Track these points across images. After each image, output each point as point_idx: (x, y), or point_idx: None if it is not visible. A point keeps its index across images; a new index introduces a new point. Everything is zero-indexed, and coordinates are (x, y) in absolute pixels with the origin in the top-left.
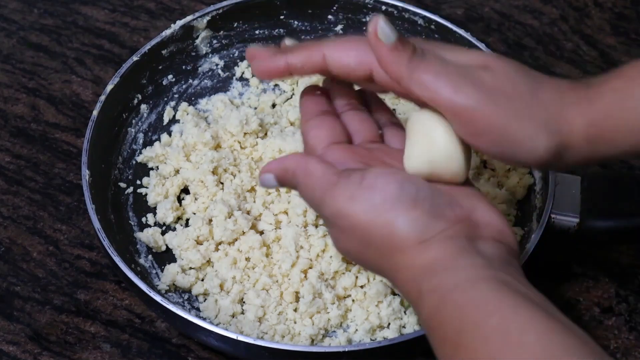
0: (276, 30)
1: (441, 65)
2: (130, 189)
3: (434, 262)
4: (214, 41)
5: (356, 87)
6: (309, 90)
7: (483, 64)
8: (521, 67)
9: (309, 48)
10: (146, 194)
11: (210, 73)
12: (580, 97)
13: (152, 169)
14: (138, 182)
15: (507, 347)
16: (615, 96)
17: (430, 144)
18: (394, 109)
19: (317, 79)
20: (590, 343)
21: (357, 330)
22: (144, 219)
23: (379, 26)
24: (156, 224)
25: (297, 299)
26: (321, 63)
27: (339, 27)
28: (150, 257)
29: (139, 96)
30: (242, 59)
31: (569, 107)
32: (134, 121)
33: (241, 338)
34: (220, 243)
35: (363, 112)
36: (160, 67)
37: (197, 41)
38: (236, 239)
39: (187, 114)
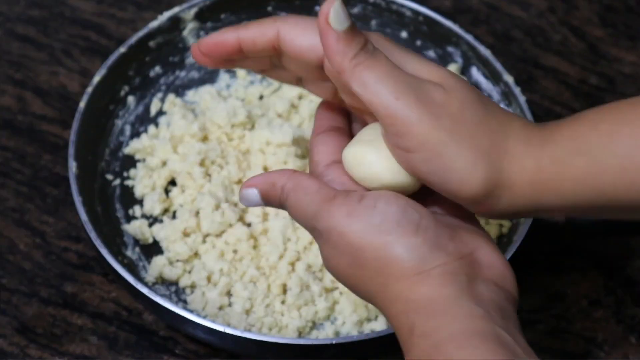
0: None
1: (388, 68)
2: (117, 181)
3: (430, 301)
4: (202, 33)
5: None
6: (327, 104)
7: (439, 80)
8: (478, 94)
9: (263, 23)
10: (133, 186)
11: (197, 65)
12: (532, 137)
13: (139, 160)
14: (125, 174)
15: None
16: (570, 141)
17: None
18: None
19: None
20: None
21: (344, 322)
22: (131, 211)
23: (334, 8)
24: (143, 216)
25: (285, 292)
26: (273, 40)
27: None
28: (137, 249)
29: (126, 88)
30: None
31: (517, 144)
32: (120, 113)
33: (228, 330)
34: (207, 235)
35: None
36: (147, 59)
37: (185, 33)
38: (223, 231)
39: (175, 105)
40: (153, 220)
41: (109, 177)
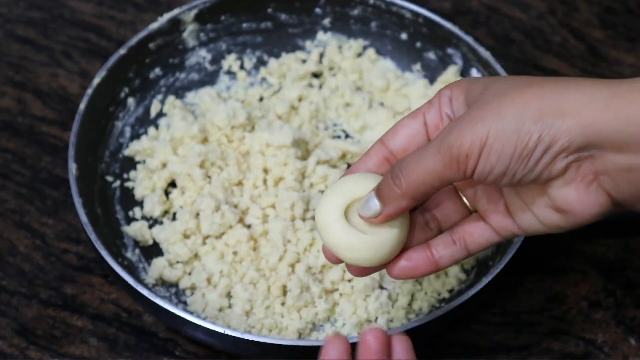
0: (263, 24)
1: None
2: (117, 183)
3: None
4: (201, 34)
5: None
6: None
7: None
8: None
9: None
10: (133, 188)
11: (197, 66)
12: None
13: (139, 162)
14: (125, 175)
15: None
16: None
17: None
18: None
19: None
20: None
21: (344, 324)
22: (131, 213)
23: (364, 210)
24: (143, 217)
25: (285, 293)
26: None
27: (326, 21)
28: (137, 250)
29: (126, 89)
30: (229, 52)
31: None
32: (120, 114)
33: (228, 332)
34: (207, 237)
35: None
36: (147, 61)
37: (184, 34)
38: (223, 233)
39: (174, 107)
40: (153, 222)
41: (109, 178)
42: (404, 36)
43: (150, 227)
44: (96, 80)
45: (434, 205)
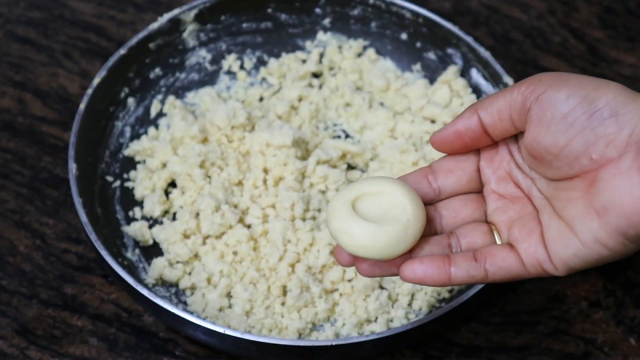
0: (263, 24)
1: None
2: (117, 183)
3: None
4: (202, 34)
5: None
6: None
7: None
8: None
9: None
10: (133, 188)
11: (197, 66)
12: None
13: (139, 162)
14: (125, 175)
15: None
16: None
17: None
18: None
19: None
20: None
21: (344, 324)
22: (131, 213)
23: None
24: (143, 217)
25: (285, 293)
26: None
27: (326, 21)
28: (137, 250)
29: (126, 89)
30: (229, 52)
31: None
32: (121, 114)
33: (228, 332)
34: (207, 237)
35: None
36: (147, 61)
37: (185, 34)
38: (223, 233)
39: (175, 107)
40: (153, 222)
41: (109, 178)
42: (404, 36)
43: (150, 227)
44: (96, 80)
45: (462, 232)
